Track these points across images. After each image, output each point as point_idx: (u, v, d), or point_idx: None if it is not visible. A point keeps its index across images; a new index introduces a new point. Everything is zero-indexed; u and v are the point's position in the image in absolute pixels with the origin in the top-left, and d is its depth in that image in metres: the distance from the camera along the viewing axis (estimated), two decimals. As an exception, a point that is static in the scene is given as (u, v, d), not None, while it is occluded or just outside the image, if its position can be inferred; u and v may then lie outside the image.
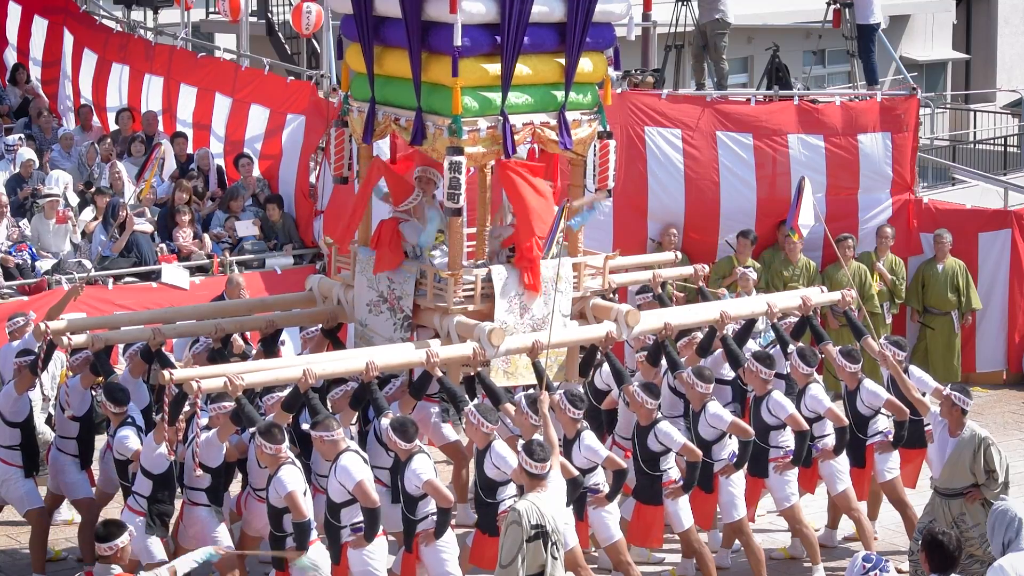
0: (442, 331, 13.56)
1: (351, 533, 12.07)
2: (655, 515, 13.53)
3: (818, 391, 14.16)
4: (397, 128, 13.81)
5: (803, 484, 14.35)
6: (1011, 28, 38.70)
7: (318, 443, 12.15)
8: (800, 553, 14.52)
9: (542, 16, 13.49)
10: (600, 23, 13.90)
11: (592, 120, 14.11)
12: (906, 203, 20.08)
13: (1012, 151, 30.40)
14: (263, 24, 26.26)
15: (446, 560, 12.22)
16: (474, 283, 13.59)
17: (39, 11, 24.72)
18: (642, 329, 14.09)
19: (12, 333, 15.41)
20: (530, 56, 13.57)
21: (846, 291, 15.34)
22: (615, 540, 13.20)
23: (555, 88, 13.82)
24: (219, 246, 19.33)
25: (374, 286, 13.94)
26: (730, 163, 19.51)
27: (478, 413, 12.34)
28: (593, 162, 14.22)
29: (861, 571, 9.46)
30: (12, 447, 13.79)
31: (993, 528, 10.30)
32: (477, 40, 13.28)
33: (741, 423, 13.70)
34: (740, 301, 15.81)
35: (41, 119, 22.27)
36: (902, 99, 20.14)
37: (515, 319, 13.63)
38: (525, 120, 13.65)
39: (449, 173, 13.23)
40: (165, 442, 12.45)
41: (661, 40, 23.22)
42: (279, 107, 20.48)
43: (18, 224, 18.86)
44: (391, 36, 13.60)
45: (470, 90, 13.36)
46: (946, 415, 12.77)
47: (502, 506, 12.36)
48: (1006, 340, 20.26)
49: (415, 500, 12.17)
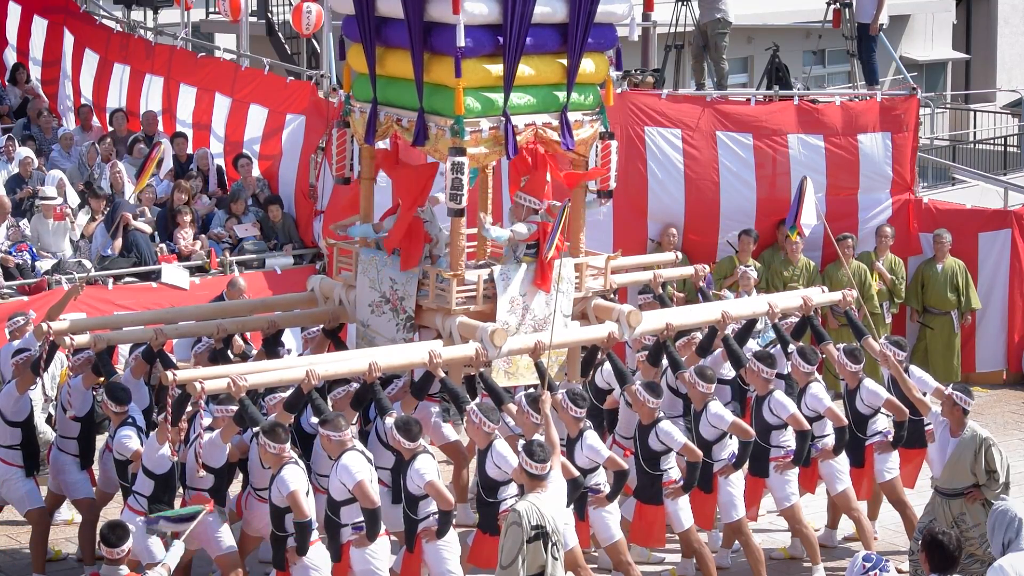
0: (444, 332, 13.56)
1: (352, 531, 12.07)
2: (656, 515, 13.53)
3: (819, 390, 14.16)
4: (399, 129, 13.81)
5: (803, 484, 14.34)
6: (1011, 28, 38.69)
7: (324, 441, 12.14)
8: (800, 553, 14.52)
9: (544, 17, 13.50)
10: (602, 24, 13.90)
11: (594, 121, 14.12)
12: (906, 203, 20.08)
13: (1012, 151, 30.39)
14: (263, 24, 26.24)
15: (447, 559, 12.22)
16: (476, 283, 13.59)
17: (39, 11, 24.70)
18: (644, 329, 14.09)
19: (12, 333, 15.41)
20: (532, 57, 13.59)
21: (847, 291, 15.33)
22: (615, 540, 13.20)
23: (557, 89, 13.83)
24: (219, 246, 19.33)
25: (376, 287, 13.95)
26: (730, 163, 19.52)
27: (480, 412, 12.34)
28: (595, 163, 14.23)
29: (861, 571, 9.46)
30: (13, 447, 13.80)
31: (993, 528, 10.30)
32: (479, 41, 13.29)
33: (742, 423, 13.70)
34: (741, 301, 15.80)
35: (41, 119, 22.27)
36: (902, 99, 20.14)
37: (517, 319, 13.63)
38: (527, 121, 13.65)
39: (451, 174, 13.22)
40: (168, 443, 12.45)
41: (661, 40, 23.22)
42: (279, 107, 20.48)
43: (18, 224, 18.86)
44: (393, 37, 13.61)
45: (472, 91, 13.37)
46: (947, 415, 12.77)
47: (503, 506, 12.36)
48: (1006, 340, 20.27)
49: (416, 500, 12.16)
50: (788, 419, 13.87)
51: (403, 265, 13.80)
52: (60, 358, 14.87)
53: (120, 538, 10.79)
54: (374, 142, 14.10)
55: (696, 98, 19.86)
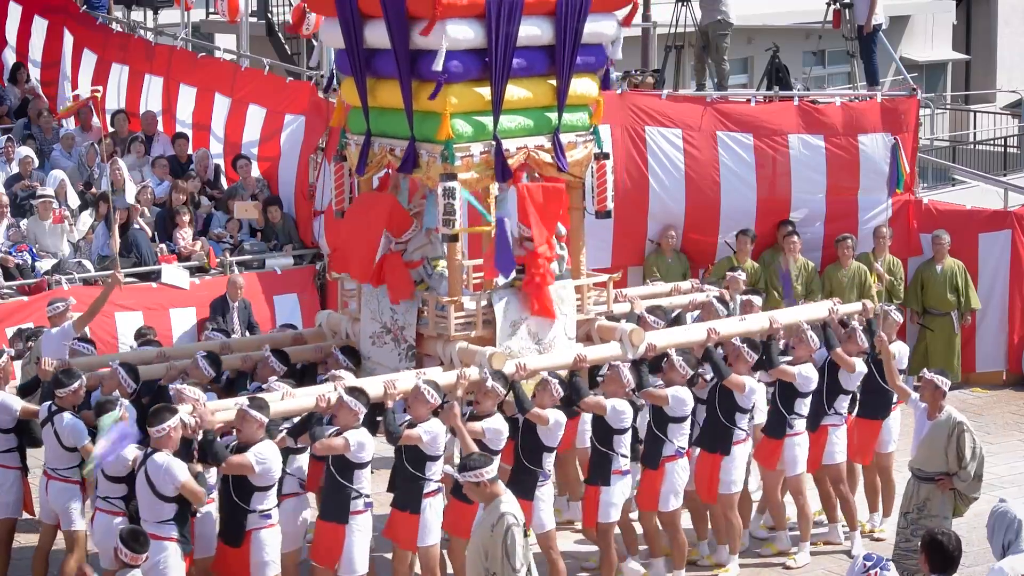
0: (445, 358, 13.49)
1: (260, 518, 12.06)
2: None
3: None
4: (393, 159, 13.63)
5: (764, 459, 14.52)
6: (1011, 29, 38.71)
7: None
8: (787, 547, 14.67)
9: (531, 39, 13.31)
10: (590, 44, 13.74)
11: (588, 141, 13.96)
12: (906, 204, 20.09)
13: (1012, 152, 30.43)
14: (263, 24, 26.26)
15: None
16: (474, 309, 13.48)
17: (39, 11, 24.72)
18: (748, 328, 14.23)
19: (52, 319, 15.40)
20: (521, 79, 13.40)
21: (867, 303, 15.45)
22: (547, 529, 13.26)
23: (549, 111, 13.66)
24: (219, 246, 19.34)
25: (378, 318, 13.87)
26: (731, 163, 19.52)
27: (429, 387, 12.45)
28: (591, 184, 14.09)
29: (862, 570, 9.46)
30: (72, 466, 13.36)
31: (993, 529, 10.29)
32: (467, 65, 13.10)
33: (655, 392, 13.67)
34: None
35: (41, 119, 22.29)
36: (902, 99, 20.15)
37: (519, 343, 13.60)
38: (519, 144, 13.50)
39: (443, 199, 13.07)
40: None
41: (661, 40, 23.23)
42: (278, 107, 20.48)
43: (18, 224, 18.87)
44: (382, 67, 13.46)
45: (463, 115, 13.20)
46: (927, 398, 12.87)
47: (428, 485, 12.51)
48: (1006, 340, 20.28)
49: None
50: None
51: (392, 298, 13.72)
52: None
53: (143, 544, 11.01)
54: (364, 172, 13.95)
55: (696, 98, 19.86)
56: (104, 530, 12.29)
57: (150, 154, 21.25)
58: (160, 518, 11.73)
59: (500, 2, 12.97)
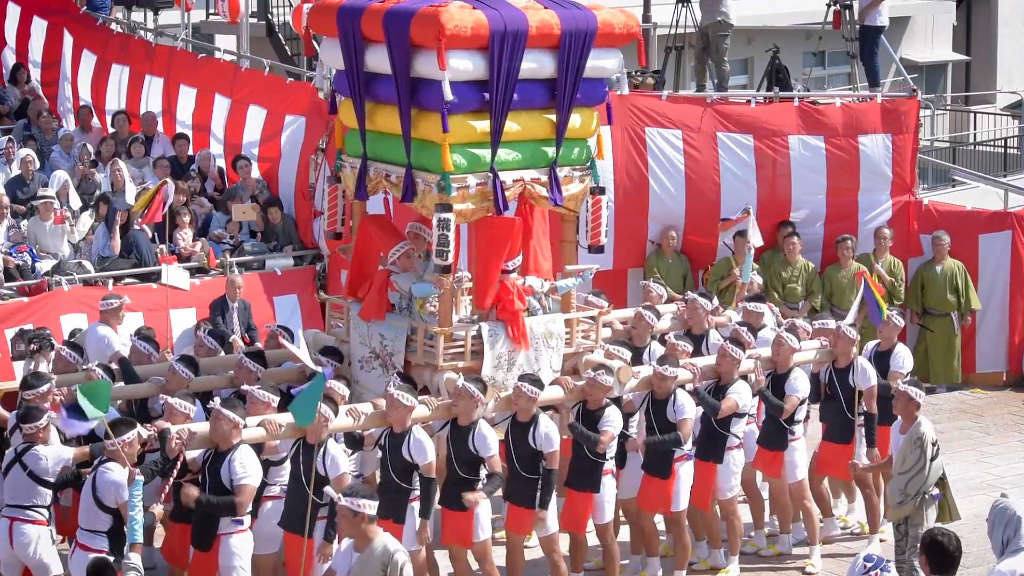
0: (432, 387, 13.39)
1: (232, 523, 12.04)
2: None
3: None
4: (388, 184, 13.61)
5: (767, 468, 14.51)
6: (1011, 30, 38.70)
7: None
8: (788, 549, 14.69)
9: (532, 72, 13.23)
10: (592, 79, 13.65)
11: (584, 176, 13.85)
12: (906, 204, 20.09)
13: (1012, 153, 30.41)
14: (263, 25, 26.25)
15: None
16: (464, 339, 13.37)
17: (39, 12, 24.70)
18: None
19: (104, 314, 15.41)
20: (520, 112, 13.31)
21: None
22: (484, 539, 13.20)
23: (546, 144, 13.56)
24: (219, 247, 19.33)
25: (366, 342, 13.77)
26: (731, 164, 19.51)
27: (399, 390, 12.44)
28: (586, 218, 13.96)
29: (862, 571, 9.45)
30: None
31: (993, 524, 10.27)
32: (466, 97, 13.01)
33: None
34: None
35: (41, 120, 22.27)
36: (902, 100, 20.16)
37: (503, 375, 13.50)
38: (515, 176, 13.41)
39: (437, 230, 13.00)
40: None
41: (661, 41, 23.23)
42: (278, 108, 20.47)
43: (18, 225, 18.86)
44: (382, 92, 13.41)
45: (459, 147, 13.11)
46: (899, 410, 12.86)
47: (413, 493, 12.52)
48: (1006, 341, 20.29)
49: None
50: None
51: (363, 313, 13.63)
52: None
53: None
54: (365, 197, 13.94)
55: (696, 99, 19.86)
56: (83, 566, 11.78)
57: (150, 155, 21.24)
58: (94, 527, 11.74)
59: (504, 35, 12.91)
